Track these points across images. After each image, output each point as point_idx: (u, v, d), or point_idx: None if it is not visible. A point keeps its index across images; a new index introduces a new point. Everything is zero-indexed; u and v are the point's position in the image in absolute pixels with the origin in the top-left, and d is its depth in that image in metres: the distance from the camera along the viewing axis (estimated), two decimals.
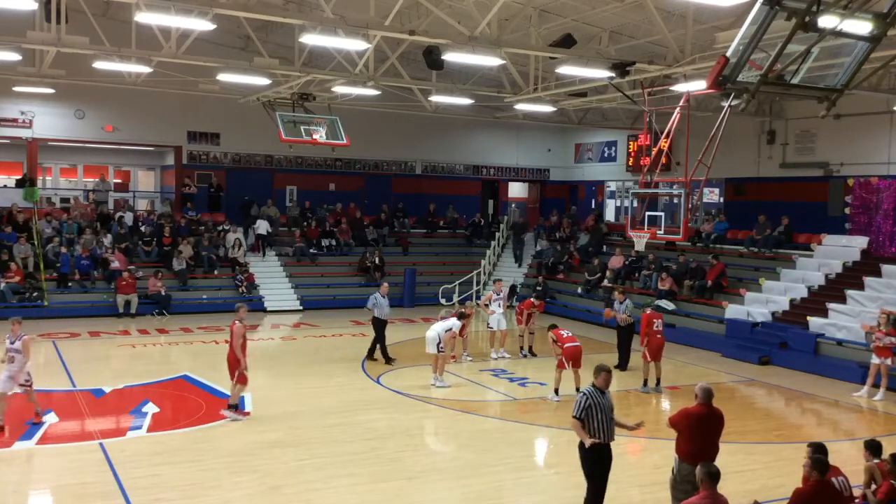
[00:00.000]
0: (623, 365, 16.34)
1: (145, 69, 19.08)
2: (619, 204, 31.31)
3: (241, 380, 11.99)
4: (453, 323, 14.91)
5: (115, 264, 22.36)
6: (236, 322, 11.97)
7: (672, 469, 8.05)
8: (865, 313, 17.38)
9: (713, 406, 8.04)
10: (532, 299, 17.95)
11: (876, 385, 14.78)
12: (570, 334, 14.08)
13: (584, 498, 8.16)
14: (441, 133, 29.78)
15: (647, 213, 16.60)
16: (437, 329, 14.50)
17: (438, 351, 14.44)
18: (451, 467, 10.43)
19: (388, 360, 16.40)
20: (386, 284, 17.32)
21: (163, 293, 22.28)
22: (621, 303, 16.47)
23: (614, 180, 31.09)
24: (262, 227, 25.78)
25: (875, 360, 14.83)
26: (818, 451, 7.11)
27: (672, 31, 15.63)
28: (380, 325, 16.47)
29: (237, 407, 12.17)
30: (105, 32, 16.67)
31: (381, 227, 28.20)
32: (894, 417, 13.76)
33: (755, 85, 7.56)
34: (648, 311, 15.32)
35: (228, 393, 13.54)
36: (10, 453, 10.31)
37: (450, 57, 15.93)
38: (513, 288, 24.82)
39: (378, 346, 16.55)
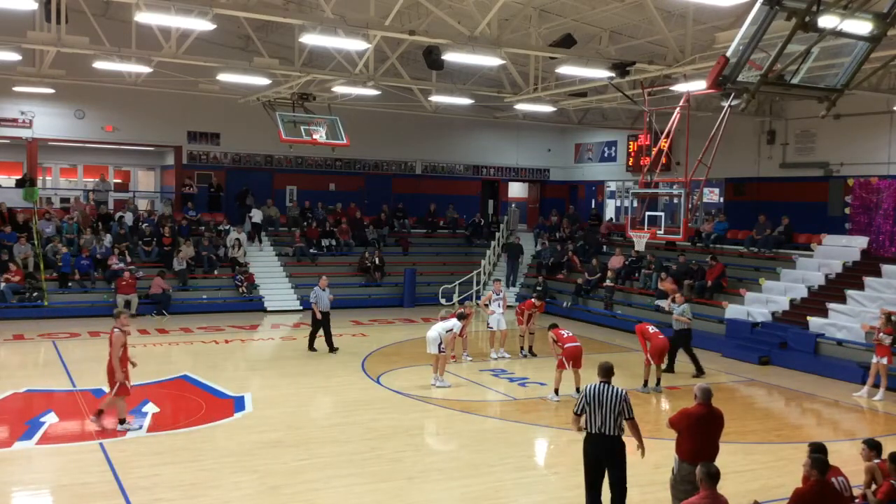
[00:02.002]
0: (670, 367, 16.17)
1: (145, 69, 19.08)
2: (619, 204, 31.32)
3: (122, 391, 11.13)
4: (454, 323, 14.90)
5: (120, 265, 22.32)
6: (115, 329, 11.24)
7: (672, 469, 8.06)
8: (865, 313, 17.38)
9: (713, 406, 8.04)
10: (533, 299, 17.93)
11: (876, 385, 14.79)
12: (571, 334, 14.08)
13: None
14: (441, 133, 29.80)
15: (647, 213, 16.60)
16: (437, 329, 14.49)
17: (439, 351, 14.44)
18: (451, 467, 10.42)
19: (312, 347, 17.49)
20: (325, 278, 18.26)
21: (169, 288, 22.37)
22: (679, 304, 16.41)
23: (614, 180, 31.10)
24: (257, 216, 26.08)
25: (874, 359, 14.85)
26: (818, 451, 7.11)
27: (672, 31, 15.64)
28: (321, 317, 17.34)
29: (124, 420, 11.25)
30: (105, 32, 16.66)
31: (381, 227, 28.20)
32: (894, 417, 13.76)
33: (755, 85, 7.56)
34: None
35: (228, 393, 13.60)
36: (10, 453, 10.31)
37: (450, 57, 15.93)
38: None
39: (317, 335, 17.52)
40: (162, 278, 22.45)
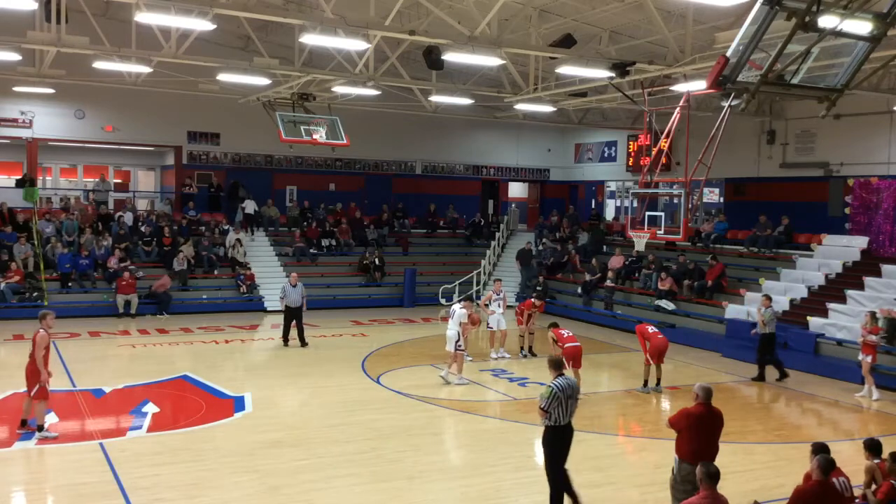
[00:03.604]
0: (761, 376, 16.09)
1: (145, 69, 19.08)
2: (619, 204, 31.32)
3: (42, 395, 10.75)
4: (460, 313, 15.04)
5: (121, 265, 22.32)
6: (40, 331, 10.82)
7: (672, 469, 8.05)
8: (865, 313, 17.35)
9: (713, 406, 8.04)
10: (532, 299, 17.93)
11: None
12: (571, 334, 14.09)
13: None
14: (441, 133, 29.79)
15: (647, 213, 16.61)
16: (454, 327, 14.76)
17: (456, 349, 14.60)
18: (451, 467, 10.43)
19: (286, 342, 18.16)
20: (295, 274, 18.83)
21: (169, 288, 22.51)
22: (766, 308, 16.24)
23: (614, 180, 31.11)
24: (250, 206, 26.27)
25: (860, 356, 14.89)
26: (821, 451, 7.11)
27: (672, 31, 15.64)
28: (289, 313, 18.06)
29: (42, 426, 10.87)
30: (105, 32, 16.67)
31: (381, 227, 28.20)
32: (894, 417, 13.75)
33: (755, 85, 7.56)
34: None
35: (228, 393, 13.60)
36: (10, 453, 10.32)
37: (450, 57, 15.93)
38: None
39: (290, 329, 18.14)
40: (171, 277, 22.60)
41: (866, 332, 14.83)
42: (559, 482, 8.42)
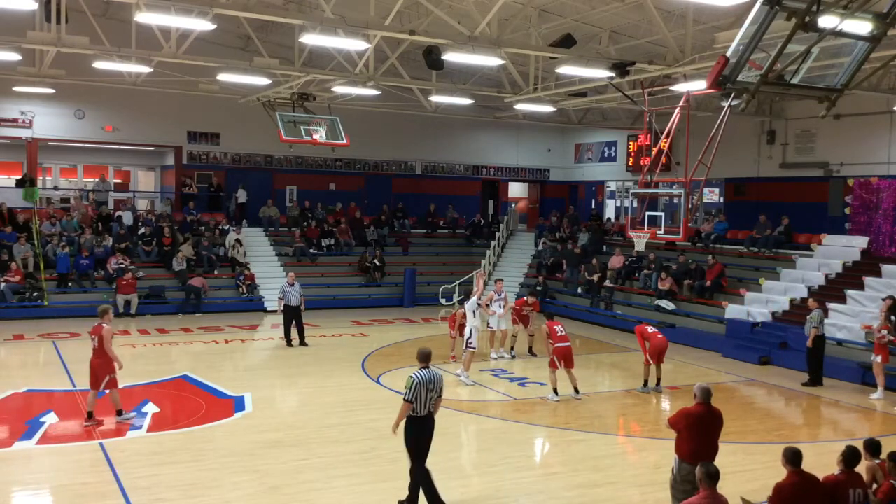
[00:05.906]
0: (812, 381, 15.79)
1: (145, 69, 19.09)
2: (619, 204, 31.33)
3: (112, 384, 11.37)
4: (470, 305, 15.14)
5: (124, 264, 22.34)
6: (104, 325, 11.39)
7: (672, 469, 8.05)
8: (865, 313, 17.37)
9: (712, 406, 8.03)
10: (525, 298, 17.88)
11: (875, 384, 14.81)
12: (564, 333, 13.89)
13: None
14: (441, 133, 29.80)
15: (647, 213, 16.60)
16: (471, 323, 14.89)
17: (466, 346, 14.74)
18: (451, 467, 10.40)
19: (289, 342, 18.10)
20: (293, 273, 18.99)
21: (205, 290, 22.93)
22: (815, 310, 16.02)
23: (614, 180, 31.11)
24: (243, 196, 26.77)
25: (873, 357, 14.87)
26: (850, 455, 7.10)
27: (672, 31, 15.64)
28: (289, 312, 18.09)
29: (121, 411, 11.60)
30: (105, 32, 16.66)
31: (381, 227, 28.21)
32: (894, 418, 13.75)
33: (755, 85, 7.56)
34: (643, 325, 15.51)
35: (228, 393, 13.60)
36: (10, 453, 10.31)
37: (450, 57, 15.94)
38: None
39: (292, 329, 18.13)
40: (204, 277, 23.07)
41: (877, 331, 14.79)
42: (419, 474, 8.46)
